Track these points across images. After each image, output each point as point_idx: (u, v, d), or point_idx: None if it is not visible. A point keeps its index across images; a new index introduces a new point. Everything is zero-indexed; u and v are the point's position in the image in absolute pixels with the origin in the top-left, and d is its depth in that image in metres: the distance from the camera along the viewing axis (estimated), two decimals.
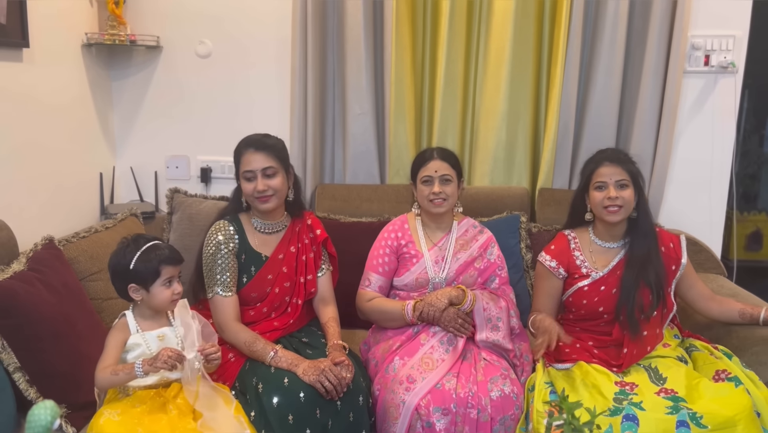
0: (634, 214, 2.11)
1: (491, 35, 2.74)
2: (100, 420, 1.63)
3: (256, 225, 2.14)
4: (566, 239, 2.19)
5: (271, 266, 2.11)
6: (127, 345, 1.74)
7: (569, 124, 2.73)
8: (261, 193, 2.04)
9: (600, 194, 2.07)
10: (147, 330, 1.77)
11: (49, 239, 2.11)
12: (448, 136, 2.84)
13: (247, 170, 2.04)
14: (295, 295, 2.14)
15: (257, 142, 2.06)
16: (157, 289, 1.74)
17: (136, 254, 1.73)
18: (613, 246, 2.14)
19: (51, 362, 1.81)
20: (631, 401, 1.82)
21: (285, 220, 2.19)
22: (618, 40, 2.63)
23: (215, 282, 2.02)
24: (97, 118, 2.81)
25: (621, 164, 2.07)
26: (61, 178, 2.58)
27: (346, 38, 2.75)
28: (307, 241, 2.18)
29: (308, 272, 2.16)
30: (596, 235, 2.17)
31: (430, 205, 2.19)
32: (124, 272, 1.74)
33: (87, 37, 2.66)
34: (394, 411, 1.91)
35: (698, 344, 2.12)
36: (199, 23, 2.84)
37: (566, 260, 2.15)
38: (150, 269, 1.73)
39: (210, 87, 2.89)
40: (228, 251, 2.05)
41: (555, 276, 2.15)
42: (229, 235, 2.07)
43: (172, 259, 1.76)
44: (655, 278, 2.06)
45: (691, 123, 2.74)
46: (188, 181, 2.97)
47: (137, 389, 1.73)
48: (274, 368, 1.90)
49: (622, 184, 2.06)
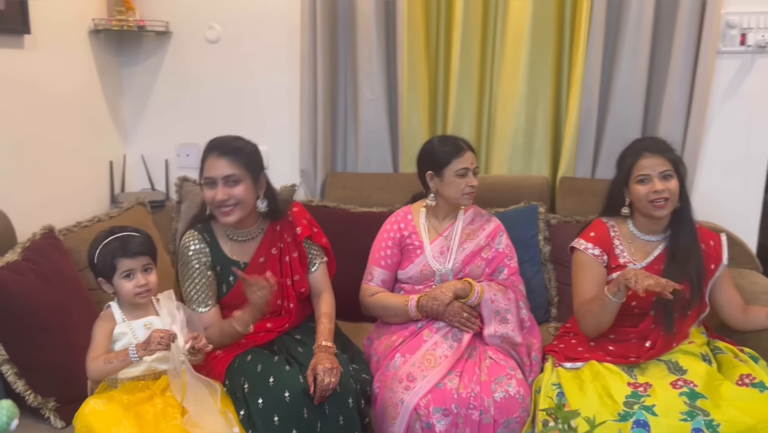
0: (677, 205, 1.96)
1: (509, 15, 2.60)
2: (86, 409, 1.61)
3: (229, 233, 1.98)
4: (605, 226, 2.05)
5: (252, 271, 1.93)
6: (114, 335, 1.71)
7: (592, 108, 2.58)
8: (221, 203, 1.86)
9: (644, 188, 1.92)
10: (133, 319, 1.74)
11: (48, 228, 2.09)
12: (463, 123, 2.72)
13: (208, 176, 1.87)
14: (285, 298, 2.03)
15: (222, 146, 1.88)
16: (118, 282, 1.71)
17: (98, 248, 1.72)
18: (653, 239, 2.01)
19: (41, 354, 1.78)
20: (643, 405, 1.70)
21: (261, 224, 2.02)
22: (645, 17, 2.46)
23: (190, 300, 1.93)
24: (106, 106, 2.78)
25: (663, 153, 1.92)
26: (69, 168, 2.56)
27: (356, 21, 2.65)
28: (290, 240, 2.04)
29: (294, 273, 2.03)
30: (636, 227, 2.03)
31: (465, 198, 2.09)
32: (92, 266, 1.74)
33: (94, 23, 2.62)
34: (392, 410, 1.83)
35: (723, 345, 1.97)
36: (208, 8, 2.77)
37: (607, 248, 2.01)
38: (106, 263, 1.70)
39: (219, 73, 2.84)
40: (200, 266, 1.93)
41: (599, 264, 2.00)
42: (198, 249, 1.93)
43: (127, 252, 1.70)
44: (696, 274, 1.93)
45: (725, 107, 2.55)
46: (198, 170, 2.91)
47: (125, 380, 1.70)
48: (261, 367, 1.81)
49: (666, 174, 1.90)
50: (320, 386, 1.73)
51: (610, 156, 2.61)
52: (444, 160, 2.07)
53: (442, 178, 2.08)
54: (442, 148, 2.09)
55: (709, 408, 1.66)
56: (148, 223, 2.56)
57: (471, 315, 2.00)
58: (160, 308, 1.78)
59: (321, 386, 1.73)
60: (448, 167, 2.06)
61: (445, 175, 2.07)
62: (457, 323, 1.99)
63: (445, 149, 2.08)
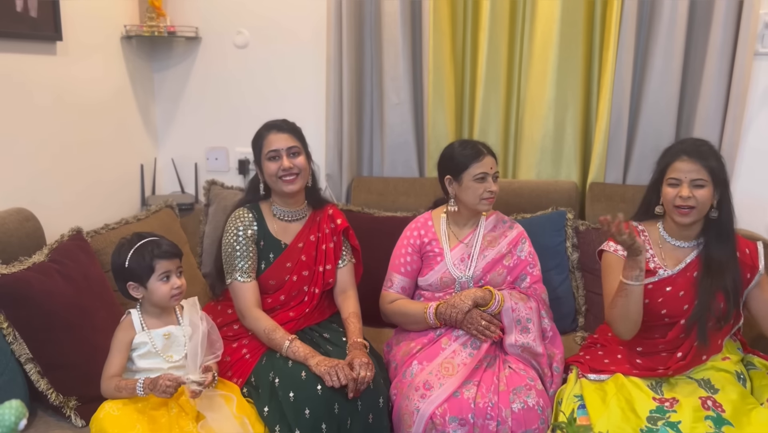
0: (714, 214, 1.87)
1: (537, 16, 2.55)
2: (101, 414, 1.64)
3: (276, 212, 2.11)
4: (635, 230, 1.98)
5: (290, 253, 2.07)
6: (133, 343, 1.73)
7: (623, 112, 2.51)
8: (287, 171, 2.01)
9: (672, 191, 1.85)
10: (153, 328, 1.75)
11: (76, 230, 2.13)
12: (490, 127, 2.68)
13: (272, 150, 2.02)
14: (313, 284, 2.10)
15: (279, 125, 2.07)
16: (155, 285, 1.72)
17: (131, 251, 1.72)
18: (684, 245, 1.93)
19: (63, 354, 1.81)
20: (668, 421, 1.64)
21: (305, 209, 2.16)
22: (678, 18, 2.38)
23: (234, 268, 2.01)
24: (138, 111, 2.84)
25: (701, 160, 1.82)
26: (101, 171, 2.61)
27: (383, 24, 2.64)
28: (328, 231, 2.13)
29: (327, 262, 2.11)
30: (667, 231, 1.96)
31: (483, 204, 2.05)
32: (121, 271, 1.73)
33: (126, 29, 2.68)
34: (408, 419, 1.80)
35: (757, 361, 1.89)
36: (236, 13, 2.80)
37: None
38: (144, 265, 1.71)
39: (247, 77, 2.86)
40: (247, 238, 2.03)
41: None
42: (248, 221, 2.06)
43: (166, 253, 1.73)
44: (733, 286, 1.84)
45: (763, 111, 2.44)
46: (227, 173, 2.96)
47: None
48: (292, 362, 1.85)
49: (699, 183, 1.82)
50: (357, 378, 1.76)
51: (642, 161, 2.54)
52: (463, 165, 2.03)
53: (461, 182, 2.05)
54: (462, 152, 2.06)
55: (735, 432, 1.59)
56: (175, 226, 2.60)
57: (490, 323, 1.96)
58: (183, 316, 1.79)
59: (358, 378, 1.76)
60: (466, 172, 2.03)
61: (464, 179, 2.04)
62: (476, 331, 1.95)
63: (465, 153, 2.05)
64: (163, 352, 1.74)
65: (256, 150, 2.08)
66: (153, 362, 1.73)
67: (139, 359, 1.73)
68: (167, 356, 1.74)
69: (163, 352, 1.74)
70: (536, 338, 1.97)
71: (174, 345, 1.76)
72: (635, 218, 2.03)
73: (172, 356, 1.74)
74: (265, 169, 2.04)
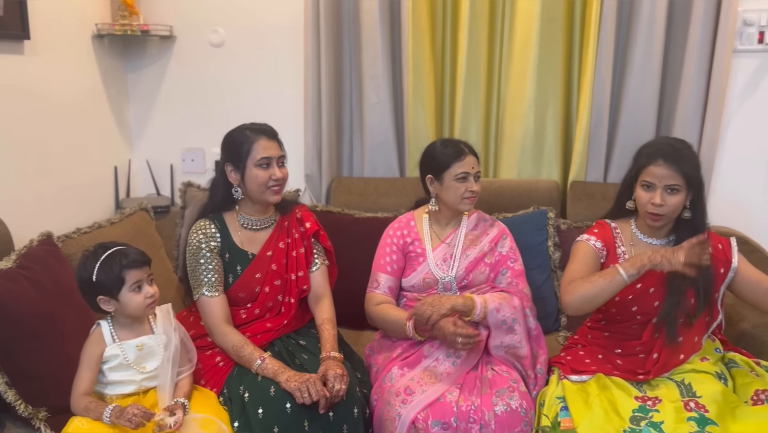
0: (687, 215, 1.86)
1: (517, 15, 2.53)
2: (69, 428, 1.58)
3: (243, 222, 2.02)
4: (608, 227, 1.98)
5: (259, 264, 1.99)
6: (104, 356, 1.66)
7: (603, 110, 2.50)
8: (277, 182, 1.93)
9: (645, 195, 1.83)
10: (126, 339, 1.68)
11: (46, 235, 2.06)
12: (471, 126, 2.66)
13: (264, 157, 1.91)
14: (287, 294, 2.03)
15: (267, 131, 1.97)
16: (127, 296, 1.64)
17: (97, 264, 1.63)
18: (655, 242, 1.92)
19: (32, 364, 1.74)
20: (651, 420, 1.62)
21: (274, 215, 2.07)
22: (657, 16, 2.38)
23: (200, 283, 1.92)
24: (111, 111, 2.77)
25: (677, 165, 1.80)
26: (73, 173, 2.55)
27: (361, 23, 2.60)
28: (297, 235, 2.06)
29: (299, 269, 2.04)
30: (639, 229, 1.95)
31: (464, 203, 2.02)
32: (89, 286, 1.64)
33: (97, 27, 2.61)
34: (389, 424, 1.77)
35: (738, 358, 1.87)
36: (212, 11, 2.76)
37: (608, 247, 1.94)
38: (113, 277, 1.62)
39: (223, 77, 2.82)
40: (210, 250, 1.94)
41: (598, 258, 1.92)
42: (210, 234, 1.96)
43: (135, 262, 1.65)
44: (704, 283, 1.84)
45: (742, 109, 2.46)
46: (204, 175, 2.90)
47: (115, 397, 1.67)
48: (261, 377, 1.79)
49: (673, 188, 1.80)
50: (330, 391, 1.71)
51: (622, 159, 2.53)
52: (444, 164, 2.00)
53: (442, 182, 2.02)
54: (443, 151, 2.03)
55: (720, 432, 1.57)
56: (150, 229, 2.54)
57: (468, 337, 1.84)
58: (157, 325, 1.73)
59: (332, 392, 1.71)
60: (448, 171, 2.00)
61: (445, 179, 2.01)
62: (450, 341, 1.84)
63: (446, 152, 2.02)
64: (136, 363, 1.68)
65: (237, 154, 1.93)
66: (125, 374, 1.67)
67: (111, 372, 1.66)
68: (140, 367, 1.68)
69: (136, 363, 1.68)
70: (522, 339, 1.93)
71: (148, 355, 1.70)
72: (609, 216, 2.02)
73: (146, 367, 1.69)
74: (253, 176, 1.92)
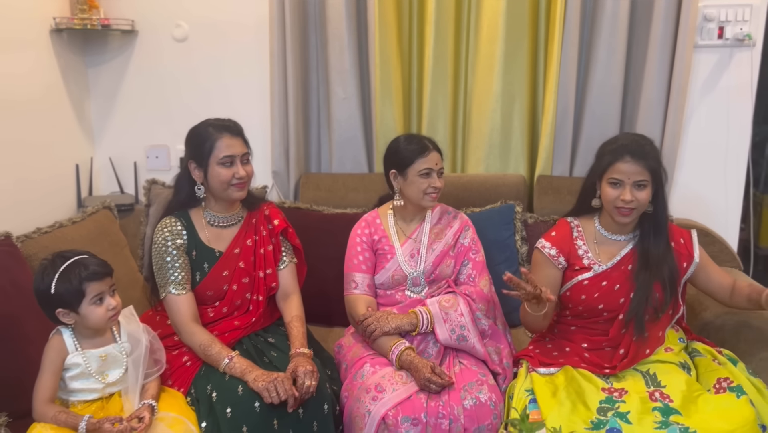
0: (650, 209, 1.88)
1: (482, 10, 2.54)
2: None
3: (209, 219, 2.00)
4: (569, 226, 1.99)
5: (226, 261, 1.97)
6: (65, 363, 1.61)
7: (569, 105, 2.53)
8: (241, 180, 1.91)
9: (614, 192, 1.84)
10: (88, 348, 1.64)
11: (4, 235, 2.02)
12: (438, 120, 2.66)
13: (227, 155, 1.90)
14: (255, 291, 2.01)
15: (231, 128, 1.95)
16: (87, 309, 1.59)
17: (55, 275, 1.57)
18: (620, 238, 1.94)
19: None
20: (618, 411, 1.65)
21: (241, 212, 2.06)
22: (621, 11, 2.41)
23: (166, 281, 1.90)
24: (71, 107, 2.70)
25: (643, 160, 1.81)
26: (32, 171, 2.48)
27: (327, 18, 2.58)
28: (265, 233, 2.04)
29: (267, 266, 2.02)
30: (603, 225, 1.97)
31: (426, 199, 2.02)
32: (47, 298, 1.58)
33: (56, 22, 2.54)
34: (359, 421, 1.76)
35: (701, 348, 1.92)
36: (174, 6, 2.71)
37: (567, 249, 1.95)
38: (72, 290, 1.57)
39: (188, 72, 2.77)
40: (176, 248, 1.92)
41: (554, 265, 1.95)
42: (176, 231, 1.93)
43: (95, 274, 1.59)
44: (669, 277, 1.87)
45: (703, 102, 2.50)
46: (169, 172, 2.85)
47: (78, 403, 1.64)
48: (229, 376, 1.77)
49: (641, 184, 1.82)
50: (300, 388, 1.70)
51: (588, 153, 2.56)
52: (408, 159, 2.01)
53: (406, 177, 2.02)
54: (407, 146, 2.03)
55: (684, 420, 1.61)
56: (113, 228, 2.49)
57: (441, 385, 1.80)
58: (120, 332, 1.69)
59: (301, 388, 1.70)
60: (411, 167, 2.00)
61: (409, 174, 2.01)
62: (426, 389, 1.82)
63: (410, 148, 2.02)
64: (98, 372, 1.63)
65: (199, 150, 1.91)
66: (86, 383, 1.63)
67: (71, 381, 1.62)
68: (102, 376, 1.64)
69: (98, 372, 1.63)
70: (475, 344, 1.95)
71: (111, 365, 1.66)
72: (572, 213, 2.04)
73: (107, 376, 1.65)
74: (215, 174, 1.91)
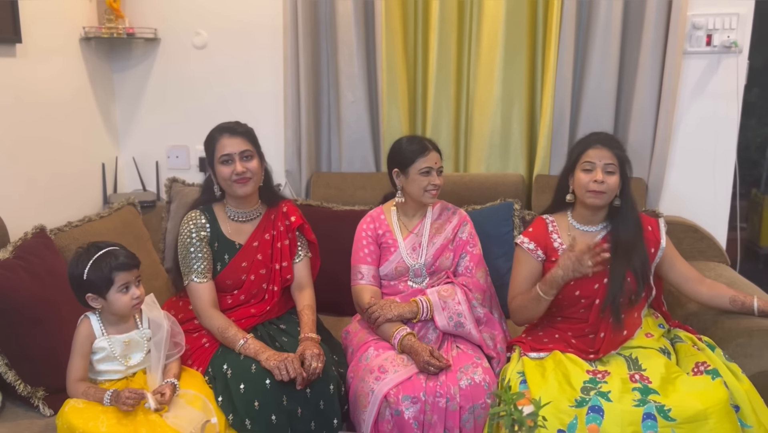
0: (617, 202, 2.05)
1: (483, 17, 2.69)
2: (66, 408, 1.70)
3: (230, 214, 2.16)
4: (544, 222, 2.16)
5: (245, 253, 2.13)
6: (93, 347, 1.78)
7: (565, 108, 2.67)
8: (240, 176, 2.05)
9: (586, 176, 2.01)
10: (113, 334, 1.80)
11: (40, 228, 2.18)
12: (442, 123, 2.81)
13: (224, 154, 2.05)
14: (271, 282, 2.16)
15: (231, 128, 2.10)
16: (114, 296, 1.75)
17: (88, 263, 1.73)
18: (591, 230, 2.10)
19: (30, 346, 1.88)
20: (599, 391, 1.78)
21: (260, 208, 2.20)
22: (614, 19, 2.55)
23: (190, 270, 2.07)
24: (98, 110, 2.89)
25: (612, 148, 2.02)
26: (62, 170, 2.66)
27: (337, 25, 2.74)
28: (282, 228, 2.19)
29: (283, 259, 2.17)
30: (575, 218, 2.13)
31: (426, 196, 2.18)
32: (79, 283, 1.74)
33: (85, 31, 2.73)
34: (363, 399, 1.92)
35: (682, 334, 2.06)
36: (195, 15, 2.88)
37: (544, 243, 2.11)
38: (103, 277, 1.73)
39: (206, 77, 2.94)
40: (200, 240, 2.08)
41: (533, 258, 2.11)
42: (200, 224, 2.10)
43: (125, 265, 1.76)
44: (641, 265, 2.03)
45: (693, 106, 2.64)
46: (188, 171, 3.03)
47: (105, 381, 1.80)
48: (243, 356, 1.93)
49: (610, 169, 2.00)
50: (307, 370, 1.85)
51: None
52: (409, 159, 2.16)
53: (408, 175, 2.18)
54: (409, 147, 2.19)
55: (661, 399, 1.74)
56: (137, 222, 2.66)
57: (438, 367, 1.94)
58: (142, 319, 1.85)
59: (308, 370, 1.85)
60: (413, 165, 2.16)
61: (410, 173, 2.16)
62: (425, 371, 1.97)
63: (411, 148, 2.18)
64: (122, 356, 1.80)
65: (208, 152, 2.10)
66: (111, 365, 1.79)
67: (98, 363, 1.78)
68: (125, 359, 1.80)
69: (122, 356, 1.80)
70: (471, 330, 2.10)
71: (133, 348, 1.82)
72: (547, 211, 2.20)
73: (130, 359, 1.81)
74: (218, 172, 2.08)
